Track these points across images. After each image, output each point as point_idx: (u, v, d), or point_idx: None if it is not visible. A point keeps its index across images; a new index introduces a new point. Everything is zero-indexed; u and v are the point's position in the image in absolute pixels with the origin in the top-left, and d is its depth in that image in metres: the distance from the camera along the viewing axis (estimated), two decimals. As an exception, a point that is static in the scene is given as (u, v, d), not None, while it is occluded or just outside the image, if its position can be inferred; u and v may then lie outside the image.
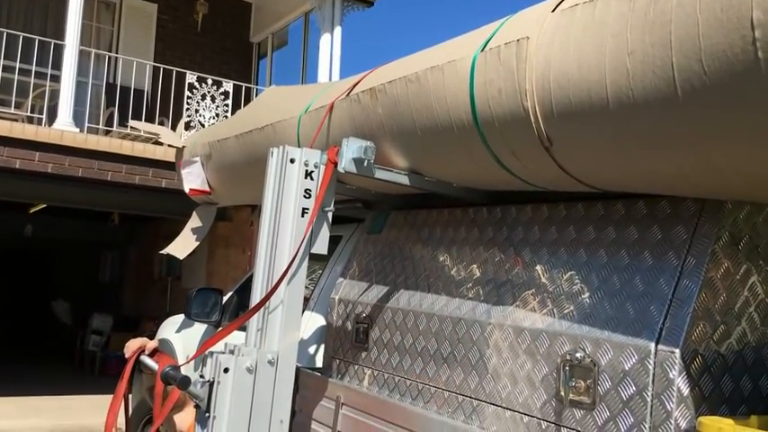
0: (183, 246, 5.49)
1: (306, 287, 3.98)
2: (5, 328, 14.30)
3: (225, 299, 4.82)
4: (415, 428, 2.44)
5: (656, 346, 1.74)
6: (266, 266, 2.39)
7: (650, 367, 1.74)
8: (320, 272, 4.06)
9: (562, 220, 2.24)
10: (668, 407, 1.69)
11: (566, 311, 2.06)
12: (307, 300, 3.94)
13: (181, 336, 5.22)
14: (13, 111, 7.98)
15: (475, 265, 2.52)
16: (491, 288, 2.40)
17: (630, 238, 1.98)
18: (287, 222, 2.37)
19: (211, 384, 2.10)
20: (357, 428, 2.77)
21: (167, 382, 2.00)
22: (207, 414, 2.11)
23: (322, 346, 3.52)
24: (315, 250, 2.41)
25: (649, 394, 1.73)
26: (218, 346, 2.35)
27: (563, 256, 2.17)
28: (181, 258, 5.48)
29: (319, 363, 3.57)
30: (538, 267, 2.24)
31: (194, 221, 5.49)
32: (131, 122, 7.78)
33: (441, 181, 2.63)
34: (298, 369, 2.67)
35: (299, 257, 2.32)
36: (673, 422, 1.68)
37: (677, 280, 1.79)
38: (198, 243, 5.55)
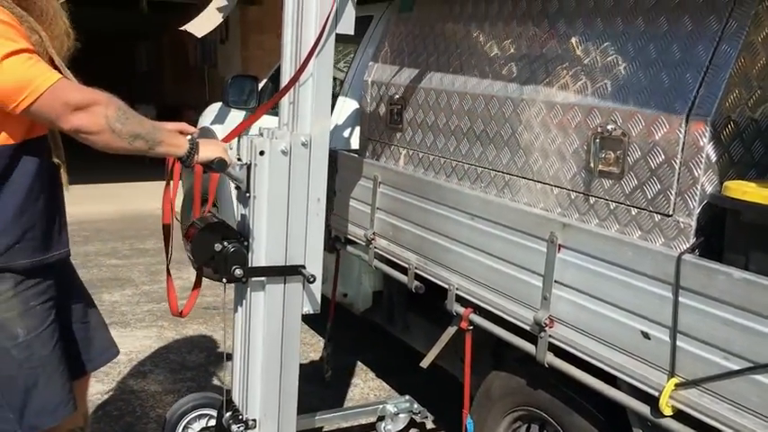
0: (202, 23, 5.39)
1: (340, 70, 3.96)
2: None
3: (261, 85, 4.85)
4: (450, 203, 2.53)
5: (688, 115, 1.72)
6: (293, 48, 2.35)
7: (680, 136, 1.73)
8: (352, 55, 4.00)
9: (600, -14, 2.11)
10: (695, 173, 1.70)
11: (599, 85, 2.02)
12: (340, 83, 3.93)
13: (221, 123, 5.34)
14: None
15: (508, 41, 2.45)
16: (524, 64, 2.34)
17: (670, 3, 1.88)
18: (310, 2, 2.29)
19: (249, 167, 2.18)
20: (395, 205, 2.89)
21: (205, 165, 2.07)
22: (247, 194, 2.21)
23: (357, 129, 3.57)
24: (340, 30, 2.34)
25: (678, 162, 1.74)
26: (254, 130, 2.40)
27: (599, 26, 2.08)
28: (199, 36, 5.38)
29: (355, 145, 3.64)
30: (572, 40, 2.16)
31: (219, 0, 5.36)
32: None
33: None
34: (335, 151, 2.73)
35: (326, 35, 2.26)
36: (699, 187, 1.70)
37: (716, 45, 1.72)
38: (220, 21, 5.41)
